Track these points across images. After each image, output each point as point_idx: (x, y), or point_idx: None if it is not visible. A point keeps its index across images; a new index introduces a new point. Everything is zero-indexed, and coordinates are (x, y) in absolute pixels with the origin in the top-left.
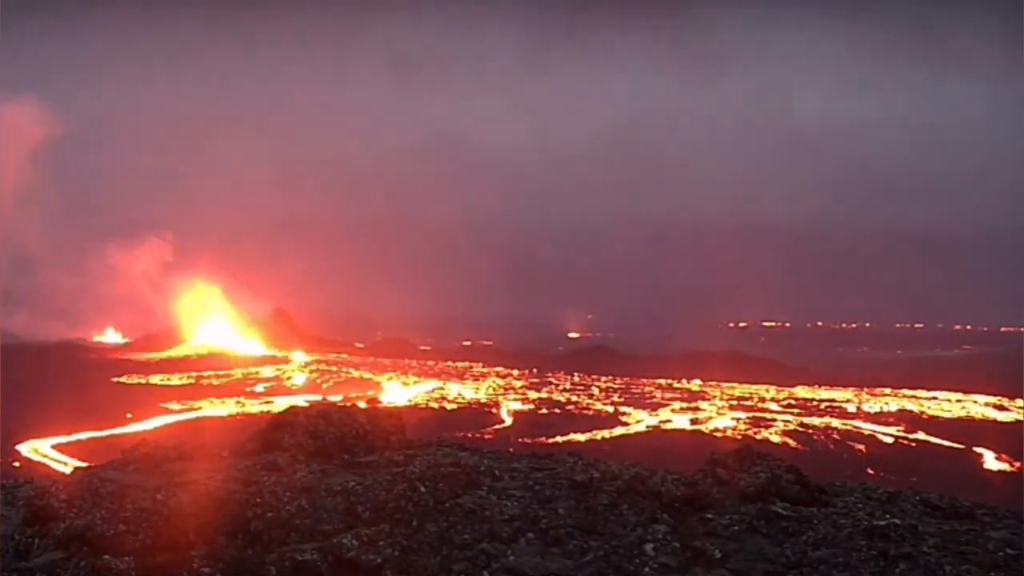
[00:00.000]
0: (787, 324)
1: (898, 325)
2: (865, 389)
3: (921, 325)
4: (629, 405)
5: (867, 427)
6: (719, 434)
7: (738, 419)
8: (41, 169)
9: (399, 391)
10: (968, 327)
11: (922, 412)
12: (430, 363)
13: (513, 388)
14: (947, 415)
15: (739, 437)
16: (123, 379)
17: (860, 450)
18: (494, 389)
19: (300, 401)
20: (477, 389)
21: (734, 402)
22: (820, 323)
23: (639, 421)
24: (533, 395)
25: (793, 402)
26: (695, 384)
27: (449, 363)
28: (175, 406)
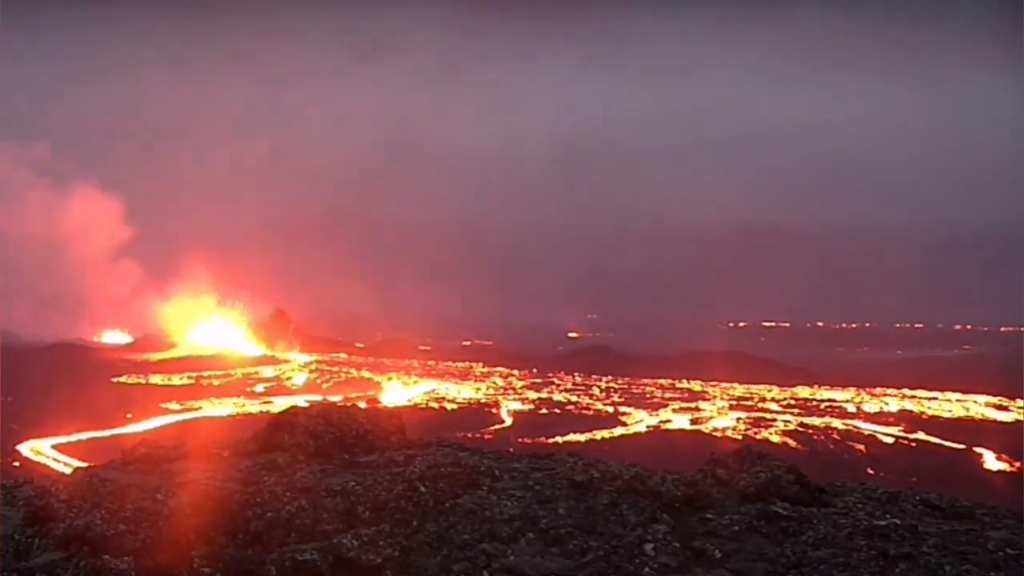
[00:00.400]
0: (787, 324)
1: (898, 325)
2: (865, 389)
3: (921, 325)
4: (629, 405)
5: (867, 427)
6: (719, 434)
7: (738, 419)
8: None
9: (399, 391)
10: (968, 327)
11: (922, 412)
12: (430, 363)
13: (513, 388)
14: (947, 415)
15: (739, 437)
16: (123, 379)
17: (860, 450)
18: (494, 389)
19: (300, 401)
20: (477, 389)
21: (734, 402)
22: (820, 323)
23: (639, 421)
24: (533, 395)
25: (793, 402)
26: (695, 384)
27: (449, 363)
28: (175, 406)
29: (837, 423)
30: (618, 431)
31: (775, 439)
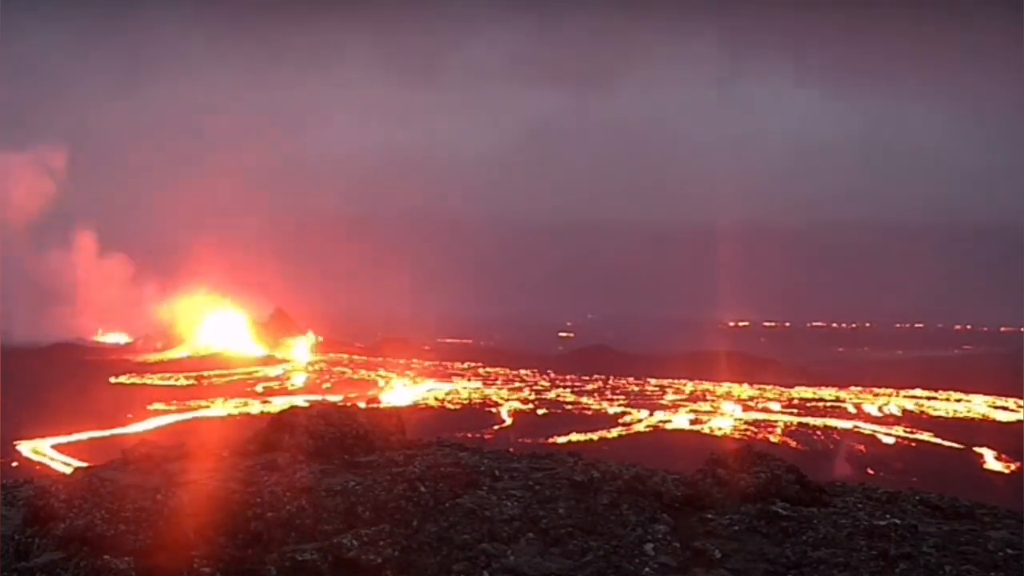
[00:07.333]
0: (787, 324)
1: (898, 325)
2: (865, 389)
3: (921, 325)
4: (629, 405)
5: (867, 427)
6: (719, 434)
7: (738, 419)
8: None
9: (399, 391)
10: (968, 327)
11: (922, 412)
12: (430, 363)
13: (513, 388)
14: (947, 415)
15: (739, 437)
16: (123, 379)
17: (860, 450)
18: (494, 389)
19: (300, 401)
20: (477, 389)
21: (734, 402)
22: (820, 323)
23: (639, 421)
24: (533, 395)
25: (793, 402)
26: (695, 384)
27: (449, 363)
28: (174, 406)
29: (837, 423)
30: (618, 431)
31: (775, 439)
